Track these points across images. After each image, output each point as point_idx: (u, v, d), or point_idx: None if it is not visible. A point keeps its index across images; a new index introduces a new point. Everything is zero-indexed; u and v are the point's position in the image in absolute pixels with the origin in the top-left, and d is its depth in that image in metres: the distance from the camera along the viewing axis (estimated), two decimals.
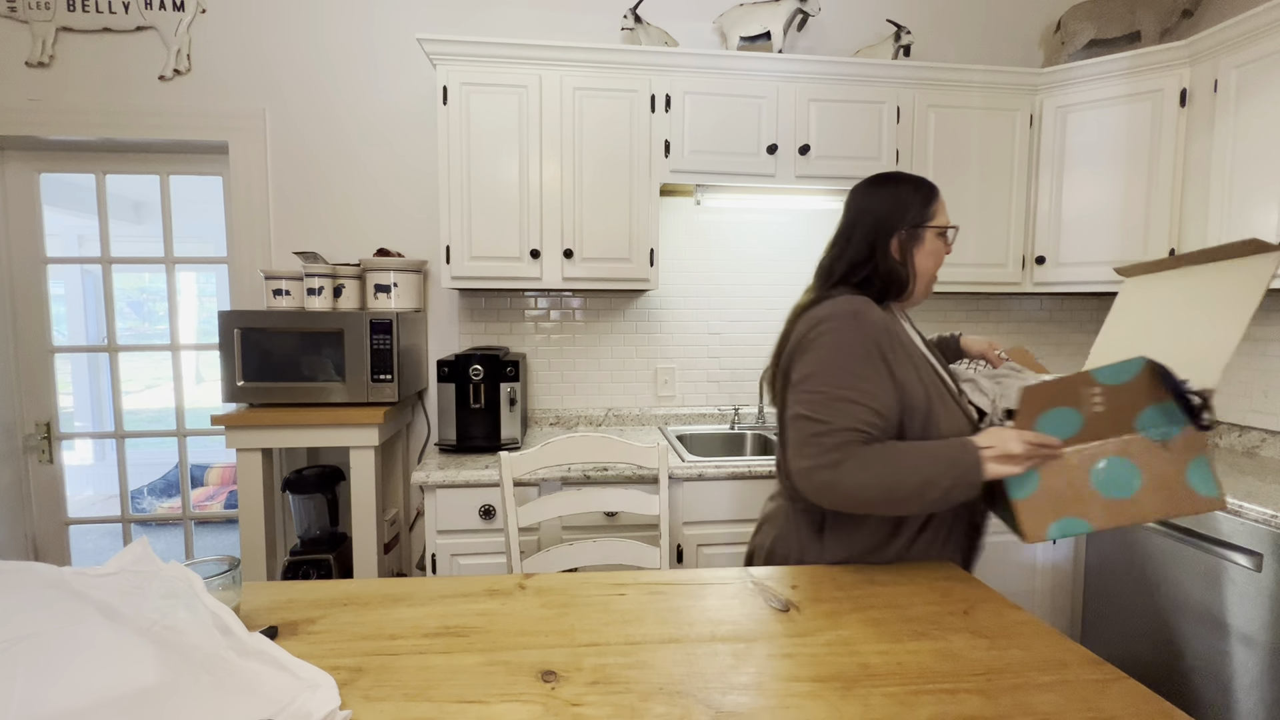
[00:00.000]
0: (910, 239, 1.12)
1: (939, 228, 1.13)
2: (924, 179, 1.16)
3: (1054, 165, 2.15)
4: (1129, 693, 0.72)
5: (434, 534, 1.77)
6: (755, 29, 2.18)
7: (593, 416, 2.38)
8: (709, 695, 0.71)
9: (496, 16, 2.25)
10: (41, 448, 2.24)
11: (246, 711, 0.61)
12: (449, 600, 0.94)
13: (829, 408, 0.99)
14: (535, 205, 1.99)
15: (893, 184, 1.14)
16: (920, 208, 1.12)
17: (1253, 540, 1.47)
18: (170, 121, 2.13)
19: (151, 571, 0.73)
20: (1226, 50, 1.81)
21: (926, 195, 1.14)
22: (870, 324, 1.03)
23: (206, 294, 5.98)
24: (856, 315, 1.03)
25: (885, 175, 1.17)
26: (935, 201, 1.14)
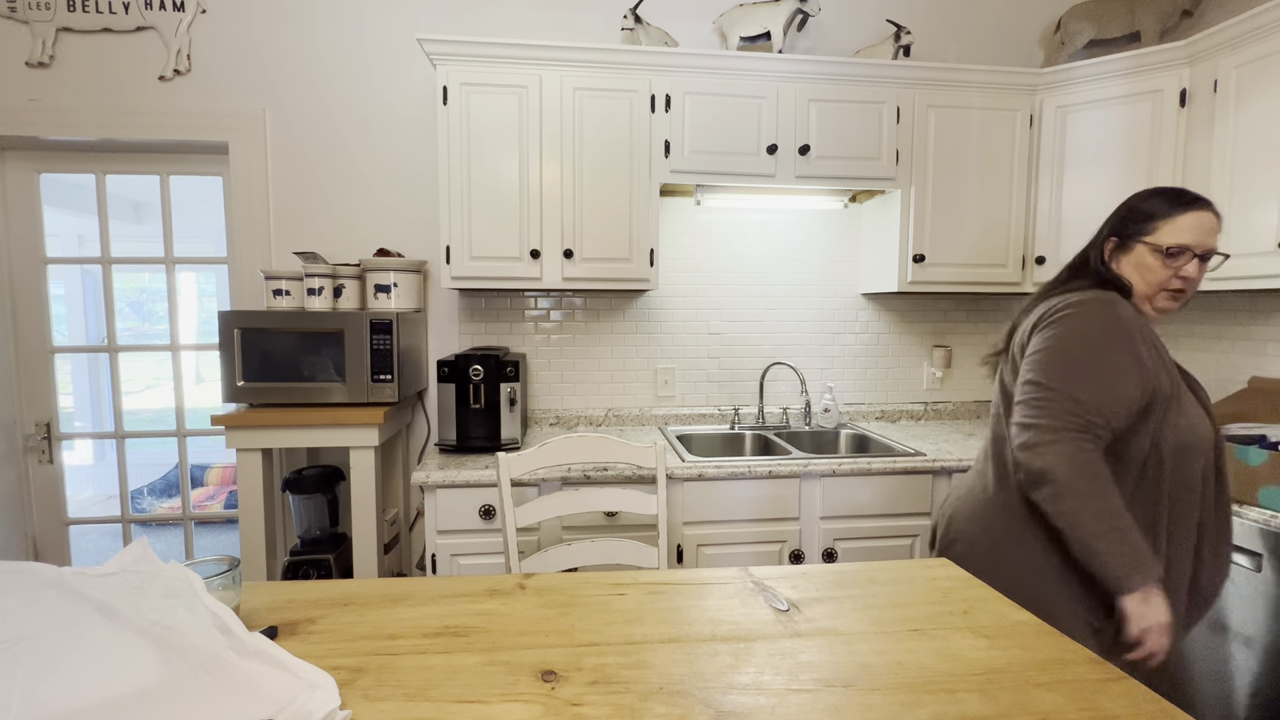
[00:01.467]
0: (1119, 248, 1.18)
1: (1153, 245, 1.13)
2: (1181, 197, 1.15)
3: (1054, 165, 2.15)
4: (1129, 693, 0.72)
5: (434, 534, 1.77)
6: (755, 29, 2.18)
7: (593, 417, 2.38)
8: (709, 695, 0.71)
9: (496, 16, 2.25)
10: (41, 448, 2.24)
11: (246, 711, 0.61)
12: (449, 600, 0.94)
13: (1063, 378, 1.07)
14: (535, 205, 1.99)
15: (1147, 195, 1.19)
16: (1142, 221, 1.15)
17: (1252, 540, 1.47)
18: (170, 121, 2.13)
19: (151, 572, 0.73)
20: (1226, 50, 1.81)
21: (1156, 209, 1.15)
22: (1121, 314, 1.10)
23: (206, 294, 5.97)
24: (1111, 304, 1.11)
25: (1159, 188, 1.19)
26: (1163, 219, 1.13)
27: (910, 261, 2.15)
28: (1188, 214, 1.13)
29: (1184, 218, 1.13)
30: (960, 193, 2.16)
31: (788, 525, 1.89)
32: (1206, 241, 1.12)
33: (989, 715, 0.68)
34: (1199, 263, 1.12)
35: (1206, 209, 1.13)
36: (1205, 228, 1.12)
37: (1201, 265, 1.13)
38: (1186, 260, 1.11)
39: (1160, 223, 1.13)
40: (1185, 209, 1.13)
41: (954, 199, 2.15)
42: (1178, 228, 1.12)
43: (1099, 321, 1.08)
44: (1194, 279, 1.12)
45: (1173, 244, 1.12)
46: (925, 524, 1.94)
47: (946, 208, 2.16)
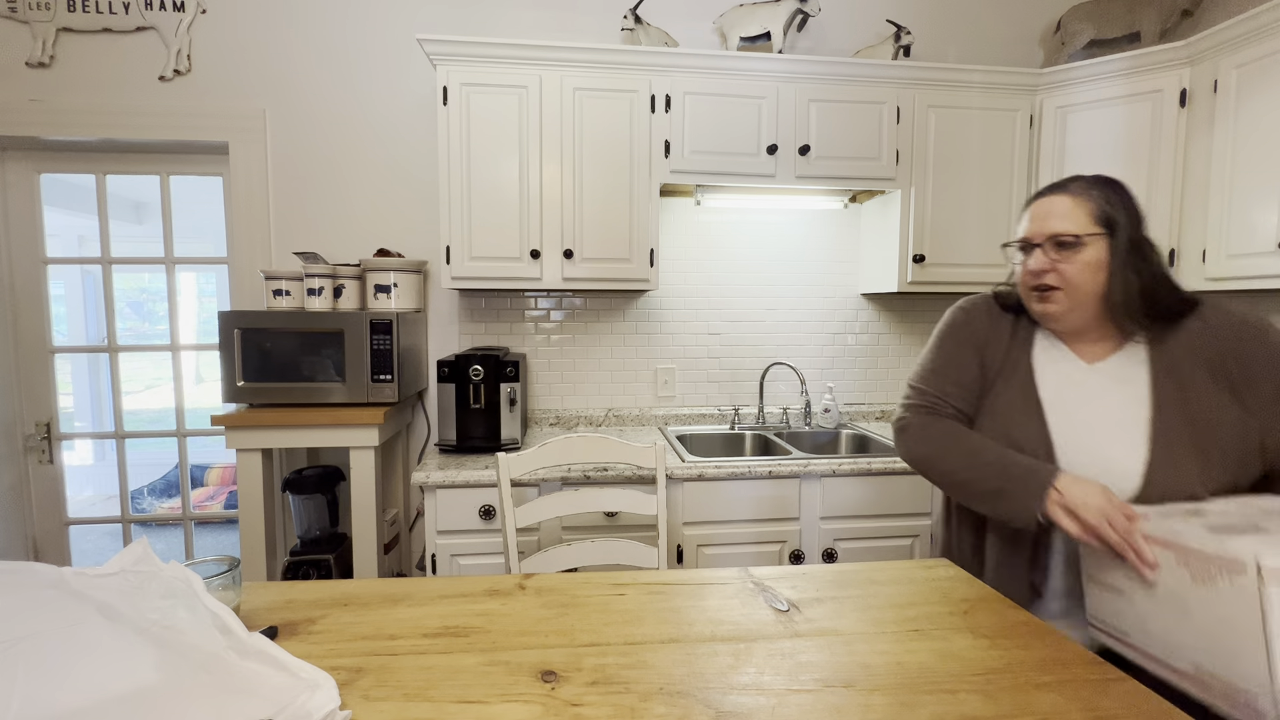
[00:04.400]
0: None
1: (1012, 243, 1.07)
2: (1040, 191, 1.05)
3: (1054, 165, 2.15)
4: (1129, 693, 0.72)
5: (434, 534, 1.77)
6: (755, 29, 2.18)
7: (593, 417, 2.38)
8: (709, 695, 0.71)
9: (496, 17, 2.25)
10: (41, 448, 2.24)
11: (246, 711, 0.61)
12: (449, 600, 0.94)
13: (913, 375, 1.15)
14: (535, 205, 1.99)
15: None
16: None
17: None
18: (170, 122, 2.13)
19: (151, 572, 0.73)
20: (1226, 50, 1.81)
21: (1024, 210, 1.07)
22: (954, 317, 1.14)
23: (206, 294, 5.97)
24: (956, 307, 1.15)
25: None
26: (1020, 218, 1.06)
27: (910, 262, 2.15)
28: (1032, 205, 1.04)
29: (1029, 210, 1.04)
30: (960, 193, 2.16)
31: (788, 525, 1.89)
32: (1045, 227, 0.98)
33: (989, 715, 0.68)
34: (1042, 251, 0.99)
35: (1053, 191, 1.01)
36: (1044, 214, 1.00)
37: (1056, 253, 0.98)
38: (1030, 254, 1.01)
39: (1018, 224, 1.07)
40: (1033, 201, 1.04)
41: (954, 199, 2.15)
42: (1024, 221, 1.04)
43: (941, 322, 1.17)
44: (1048, 271, 0.98)
45: (1018, 240, 1.04)
46: (925, 524, 1.94)
47: (947, 208, 2.16)
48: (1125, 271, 0.95)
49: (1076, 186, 1.00)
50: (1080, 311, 0.98)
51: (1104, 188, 0.99)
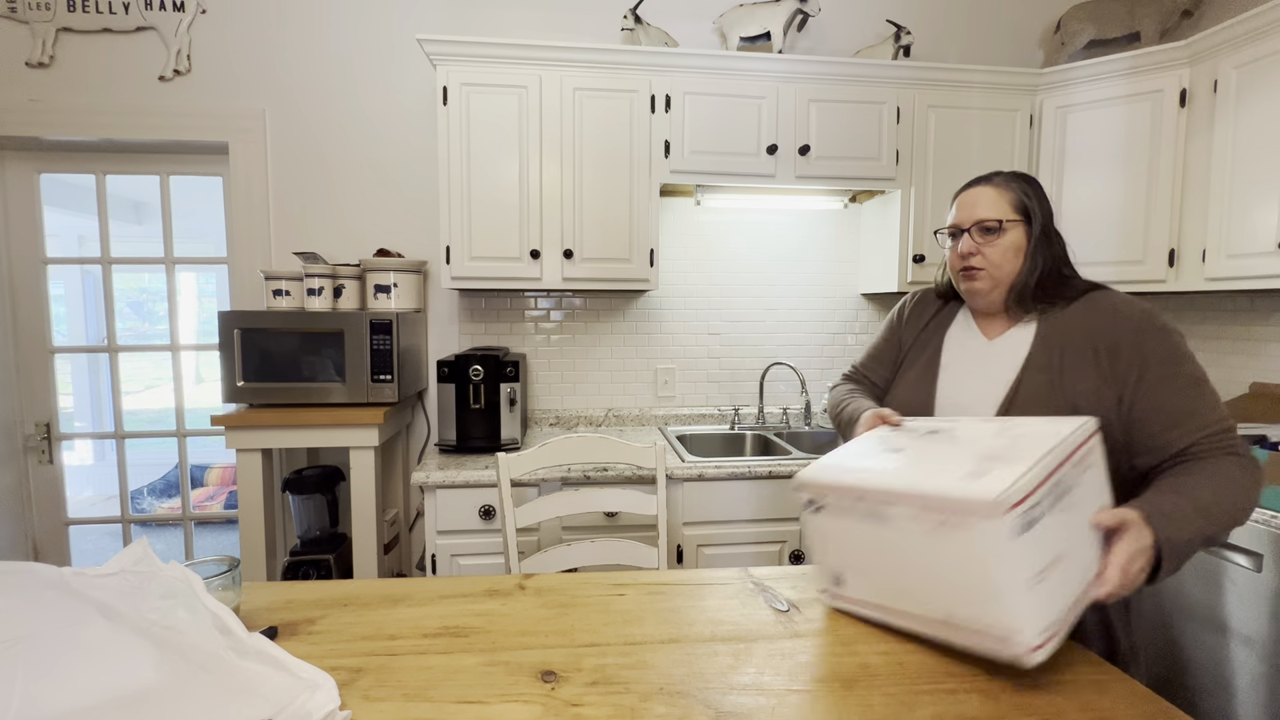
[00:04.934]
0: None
1: (943, 230, 1.15)
2: (968, 183, 1.14)
3: (1054, 165, 2.15)
4: (1129, 693, 0.72)
5: (434, 534, 1.77)
6: (755, 29, 2.18)
7: (593, 417, 2.38)
8: (709, 695, 0.71)
9: (496, 17, 2.25)
10: (41, 448, 2.24)
11: (246, 712, 0.61)
12: (449, 600, 0.94)
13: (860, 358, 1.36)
14: (535, 205, 1.99)
15: None
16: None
17: (1253, 540, 1.47)
18: (170, 122, 2.13)
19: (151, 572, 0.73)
20: (1226, 50, 1.81)
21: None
22: (904, 304, 1.28)
23: (206, 294, 5.97)
24: (906, 297, 1.30)
25: None
26: (950, 208, 1.15)
27: (910, 261, 2.15)
28: (959, 196, 1.13)
29: (957, 200, 1.13)
30: None
31: (788, 525, 1.89)
32: (973, 214, 1.08)
33: (989, 715, 0.68)
34: (971, 236, 1.08)
35: (979, 184, 1.11)
36: (970, 202, 1.09)
37: (981, 237, 1.07)
38: (959, 239, 1.10)
39: (949, 213, 1.16)
40: (961, 191, 1.14)
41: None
42: (953, 210, 1.14)
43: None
44: (974, 254, 1.08)
45: (948, 226, 1.13)
46: None
47: (946, 208, 2.15)
48: (1035, 256, 1.06)
49: (999, 179, 1.10)
50: (1000, 290, 1.08)
51: (1022, 181, 1.11)
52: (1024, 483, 0.69)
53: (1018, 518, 0.68)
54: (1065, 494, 0.74)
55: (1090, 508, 0.78)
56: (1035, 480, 0.70)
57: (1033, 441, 0.78)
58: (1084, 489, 0.78)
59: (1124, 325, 1.00)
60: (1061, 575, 0.72)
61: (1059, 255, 1.09)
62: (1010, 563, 0.68)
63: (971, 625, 0.73)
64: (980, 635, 0.73)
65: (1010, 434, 0.84)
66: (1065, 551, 0.73)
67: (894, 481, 0.79)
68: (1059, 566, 0.72)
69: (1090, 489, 0.80)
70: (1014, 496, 0.68)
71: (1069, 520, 0.74)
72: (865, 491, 0.82)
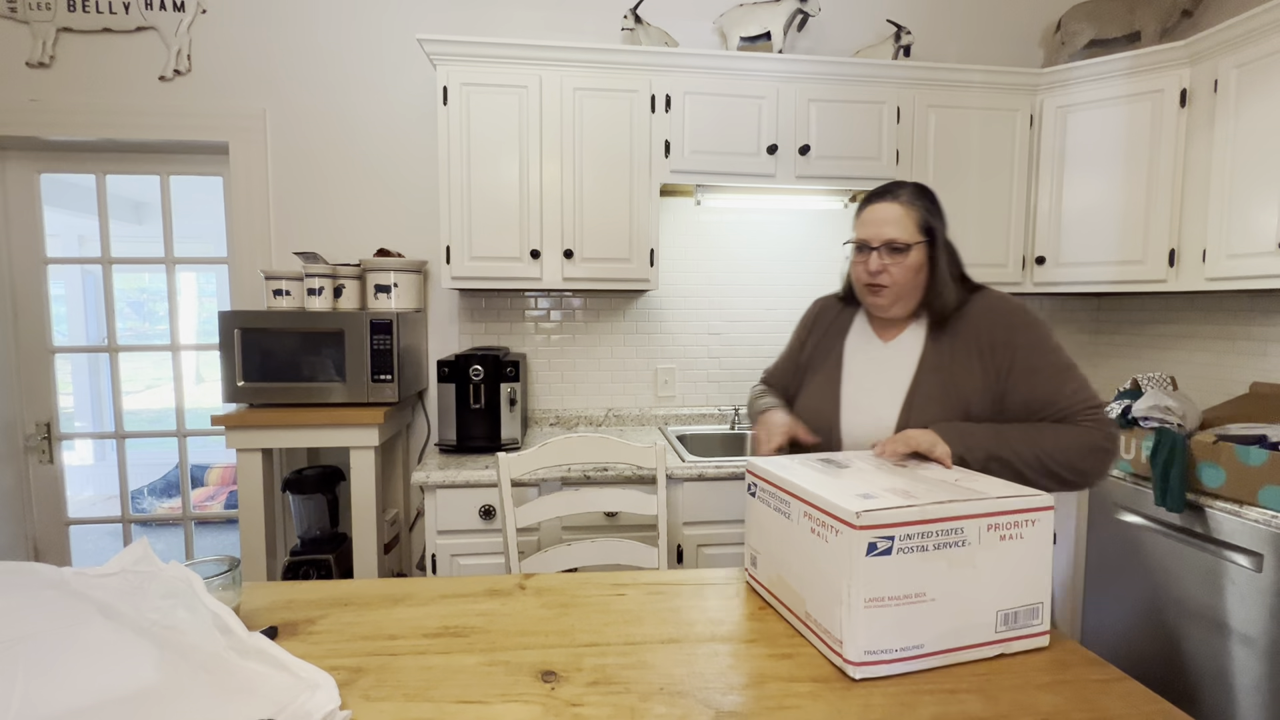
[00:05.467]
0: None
1: (851, 241, 1.20)
2: (872, 194, 1.18)
3: (1054, 165, 2.15)
4: (1129, 693, 0.72)
5: (434, 534, 1.77)
6: (755, 29, 2.18)
7: (593, 417, 2.38)
8: (709, 695, 0.71)
9: (497, 17, 2.25)
10: (42, 448, 2.24)
11: (246, 712, 0.61)
12: (449, 600, 0.94)
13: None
14: (535, 205, 1.99)
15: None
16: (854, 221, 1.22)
17: (1253, 540, 1.47)
18: (170, 122, 2.13)
19: (152, 572, 0.73)
20: (1226, 50, 1.81)
21: (858, 209, 1.20)
22: (810, 309, 1.37)
23: (207, 294, 5.97)
24: (813, 302, 1.38)
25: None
26: (856, 218, 1.19)
27: None
28: (866, 209, 1.17)
29: (864, 213, 1.17)
30: (960, 193, 2.16)
31: None
32: (882, 233, 1.12)
33: (989, 715, 0.68)
34: (880, 255, 1.12)
35: (884, 199, 1.15)
36: (879, 219, 1.13)
37: (889, 256, 1.12)
38: (867, 255, 1.14)
39: (855, 221, 1.20)
40: (866, 204, 1.17)
41: (954, 199, 2.15)
42: (860, 222, 1.17)
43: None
44: (882, 272, 1.12)
45: (855, 240, 1.18)
46: None
47: (946, 208, 2.12)
48: (937, 274, 1.14)
49: (905, 195, 1.15)
50: (903, 304, 1.16)
51: (925, 198, 1.16)
52: (895, 513, 0.75)
53: (871, 538, 0.74)
54: (959, 546, 0.77)
55: (1004, 577, 0.80)
56: (911, 516, 0.75)
57: (950, 490, 0.83)
58: (998, 553, 0.79)
59: (999, 322, 1.10)
60: (921, 615, 0.76)
61: (955, 267, 1.17)
62: (854, 576, 0.74)
63: (820, 624, 0.80)
64: (825, 636, 0.79)
65: (948, 481, 0.88)
66: (935, 596, 0.76)
67: (805, 483, 0.86)
68: (919, 605, 0.76)
69: (1011, 557, 0.80)
70: (876, 520, 0.74)
71: (957, 573, 0.77)
72: (781, 484, 0.90)
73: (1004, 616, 0.80)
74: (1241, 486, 1.50)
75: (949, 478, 0.90)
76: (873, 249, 1.13)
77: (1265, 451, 1.46)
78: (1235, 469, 1.51)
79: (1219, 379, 2.12)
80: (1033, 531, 0.80)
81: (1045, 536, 0.80)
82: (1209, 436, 1.58)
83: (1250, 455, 1.48)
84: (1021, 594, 0.80)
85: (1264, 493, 1.46)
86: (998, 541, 0.79)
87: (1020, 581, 0.80)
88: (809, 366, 1.29)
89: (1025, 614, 0.80)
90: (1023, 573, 0.80)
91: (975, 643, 0.79)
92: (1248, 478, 1.49)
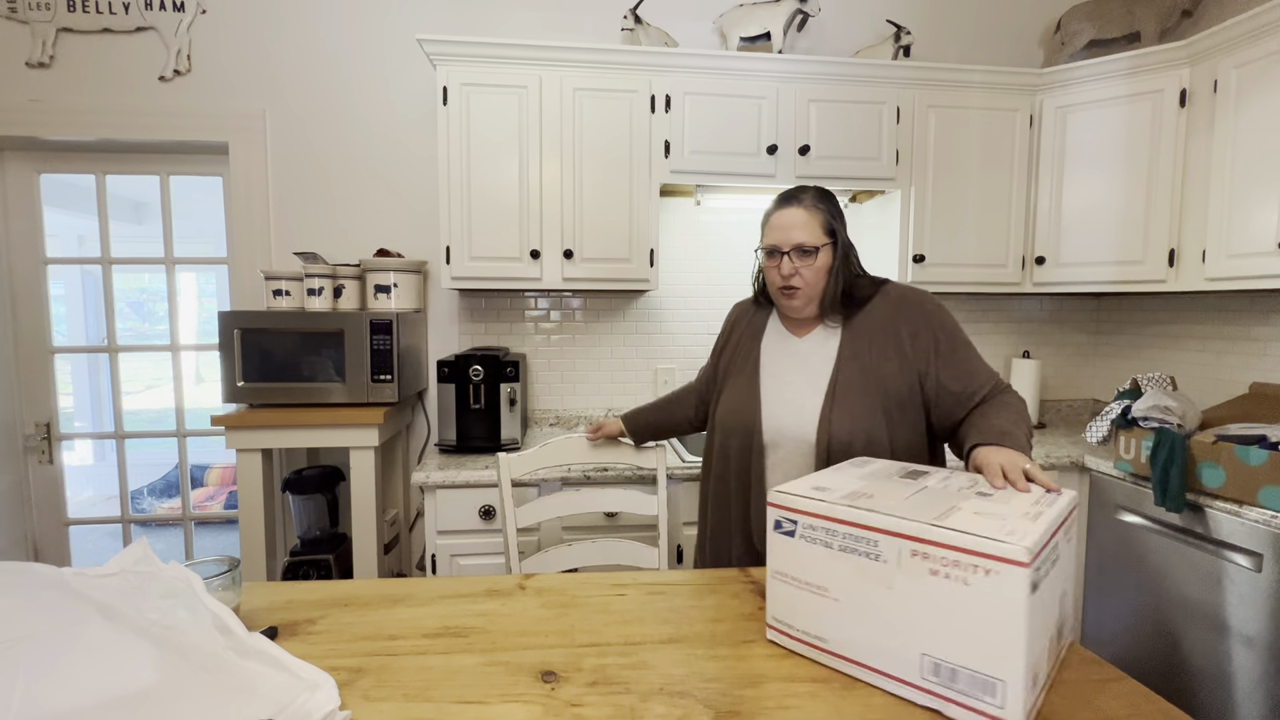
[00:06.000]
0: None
1: (760, 249, 1.27)
2: (779, 199, 1.24)
3: (1054, 165, 2.15)
4: (1129, 693, 0.72)
5: (434, 534, 1.77)
6: (755, 29, 2.18)
7: (593, 417, 2.38)
8: (709, 695, 0.71)
9: (496, 17, 2.25)
10: (41, 448, 2.24)
11: (246, 712, 0.61)
12: (449, 601, 0.94)
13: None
14: (535, 205, 1.99)
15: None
16: (762, 226, 1.27)
17: (1253, 540, 1.47)
18: (170, 122, 2.13)
19: (151, 572, 0.73)
20: (1226, 50, 1.81)
21: (766, 214, 1.26)
22: (729, 315, 1.44)
23: (206, 294, 5.97)
24: (736, 305, 1.44)
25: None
26: (764, 224, 1.26)
27: (910, 262, 2.15)
28: (774, 214, 1.23)
29: (772, 218, 1.23)
30: (960, 193, 2.16)
31: None
32: (791, 238, 1.19)
33: None
34: (790, 259, 1.19)
35: (789, 205, 1.21)
36: (786, 224, 1.20)
37: (800, 259, 1.18)
38: (779, 260, 1.21)
39: (764, 227, 1.26)
40: (774, 209, 1.24)
41: (954, 199, 2.15)
42: (769, 229, 1.24)
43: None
44: (794, 275, 1.19)
45: (765, 245, 1.24)
46: None
47: (946, 208, 2.16)
48: (839, 272, 1.21)
49: (808, 200, 1.21)
50: (814, 304, 1.23)
51: (827, 201, 1.22)
52: (803, 501, 0.78)
53: (777, 516, 0.80)
54: (872, 558, 0.72)
55: (934, 619, 0.68)
56: (818, 509, 0.77)
57: (913, 501, 0.76)
58: (926, 587, 0.68)
59: (916, 312, 1.19)
60: (822, 609, 0.77)
61: (855, 267, 1.24)
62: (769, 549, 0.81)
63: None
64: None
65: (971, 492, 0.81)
66: (838, 597, 0.75)
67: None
68: (819, 598, 0.77)
69: (945, 599, 0.67)
70: (783, 500, 0.79)
71: (869, 586, 0.72)
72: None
73: (933, 665, 0.67)
74: (1241, 487, 1.50)
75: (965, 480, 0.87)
76: (783, 253, 1.19)
77: (1265, 451, 1.46)
78: (1235, 469, 1.51)
79: (1219, 379, 2.12)
80: (983, 581, 0.64)
81: (1006, 594, 0.62)
82: (1209, 436, 1.58)
83: (1250, 455, 1.48)
84: (962, 652, 0.65)
85: (1264, 493, 1.46)
86: (926, 574, 0.67)
87: (960, 635, 0.65)
88: (727, 370, 1.34)
89: (970, 680, 0.65)
90: (965, 627, 0.65)
91: (897, 675, 0.70)
92: (1247, 478, 1.49)
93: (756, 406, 1.22)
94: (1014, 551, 0.62)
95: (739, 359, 1.32)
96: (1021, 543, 0.63)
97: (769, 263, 1.23)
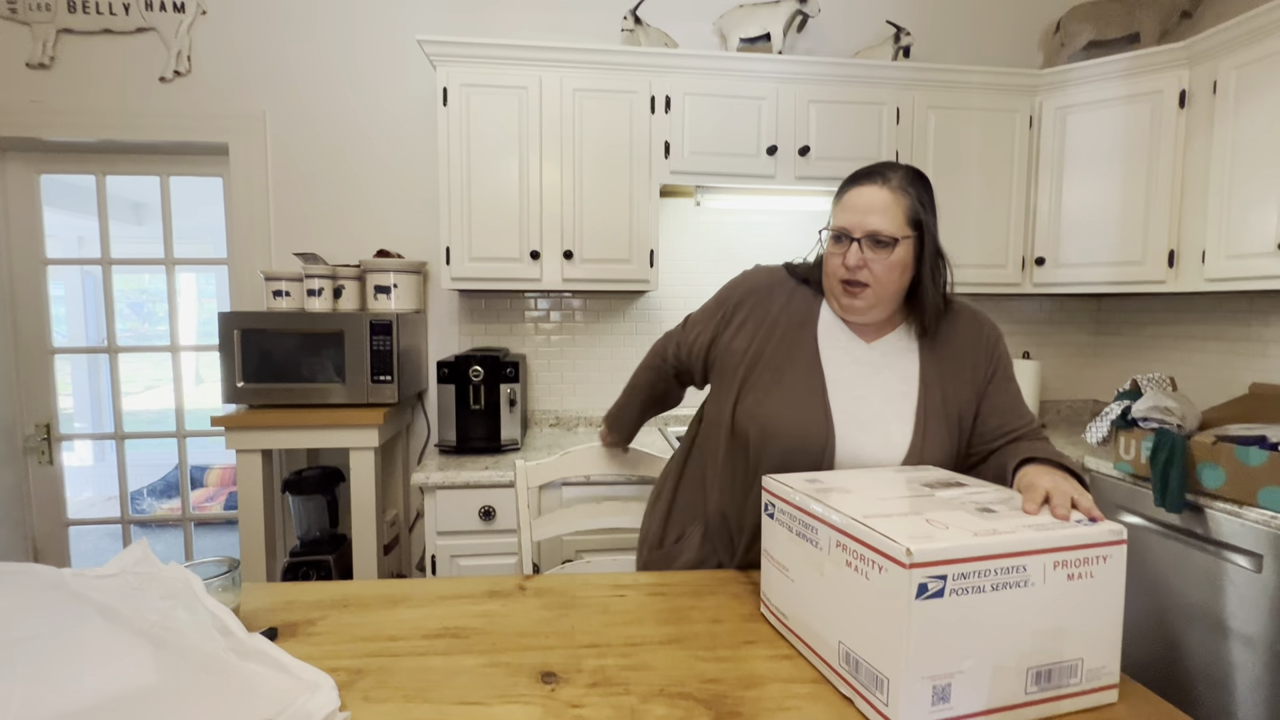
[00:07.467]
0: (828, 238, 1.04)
1: (826, 231, 1.04)
2: (858, 173, 1.02)
3: (1054, 166, 2.15)
4: (1129, 693, 0.72)
5: (434, 535, 1.77)
6: (755, 30, 2.18)
7: (593, 418, 2.38)
8: (709, 696, 0.71)
9: (497, 18, 2.25)
10: (41, 449, 2.24)
11: (246, 713, 0.61)
12: (449, 601, 0.94)
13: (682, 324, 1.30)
14: (535, 206, 1.99)
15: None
16: (834, 204, 1.05)
17: (1253, 541, 1.47)
18: (170, 123, 2.13)
19: (151, 573, 0.73)
20: (1225, 51, 1.81)
21: (839, 190, 1.04)
22: (741, 282, 1.21)
23: (206, 295, 5.97)
24: (742, 274, 1.23)
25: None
26: (836, 201, 1.03)
27: None
28: (850, 190, 1.00)
29: (847, 195, 1.00)
30: (960, 194, 2.16)
31: None
32: (866, 223, 0.95)
33: None
34: (859, 247, 0.96)
35: (873, 181, 0.97)
36: (863, 205, 0.96)
37: (872, 250, 0.96)
38: (846, 246, 0.97)
39: (835, 205, 1.02)
40: (851, 185, 1.00)
41: (954, 200, 2.15)
42: (840, 207, 1.00)
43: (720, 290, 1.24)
44: (862, 267, 0.96)
45: (834, 227, 1.00)
46: None
47: (946, 209, 2.13)
48: (928, 276, 0.99)
49: (896, 180, 0.98)
50: (881, 307, 1.01)
51: (918, 185, 1.00)
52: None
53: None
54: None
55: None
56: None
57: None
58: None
59: (986, 334, 1.06)
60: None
61: (943, 272, 1.02)
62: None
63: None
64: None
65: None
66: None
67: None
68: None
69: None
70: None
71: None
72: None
73: (845, 653, 0.70)
74: (1241, 487, 1.50)
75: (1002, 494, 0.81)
76: (854, 240, 0.96)
77: (1265, 452, 1.46)
78: (1235, 469, 1.51)
79: (1219, 379, 2.12)
80: (879, 577, 0.65)
81: (894, 592, 0.63)
82: (1208, 437, 1.58)
83: (1250, 456, 1.48)
84: (864, 644, 0.67)
85: (1264, 493, 1.46)
86: (844, 564, 0.70)
87: (863, 628, 0.67)
88: (761, 360, 1.06)
89: (868, 674, 0.67)
90: (866, 620, 0.67)
91: (827, 659, 0.74)
92: (1247, 478, 1.49)
93: (828, 423, 0.99)
94: (898, 551, 0.62)
95: (783, 350, 1.05)
96: (912, 545, 0.62)
97: (833, 248, 1.00)
